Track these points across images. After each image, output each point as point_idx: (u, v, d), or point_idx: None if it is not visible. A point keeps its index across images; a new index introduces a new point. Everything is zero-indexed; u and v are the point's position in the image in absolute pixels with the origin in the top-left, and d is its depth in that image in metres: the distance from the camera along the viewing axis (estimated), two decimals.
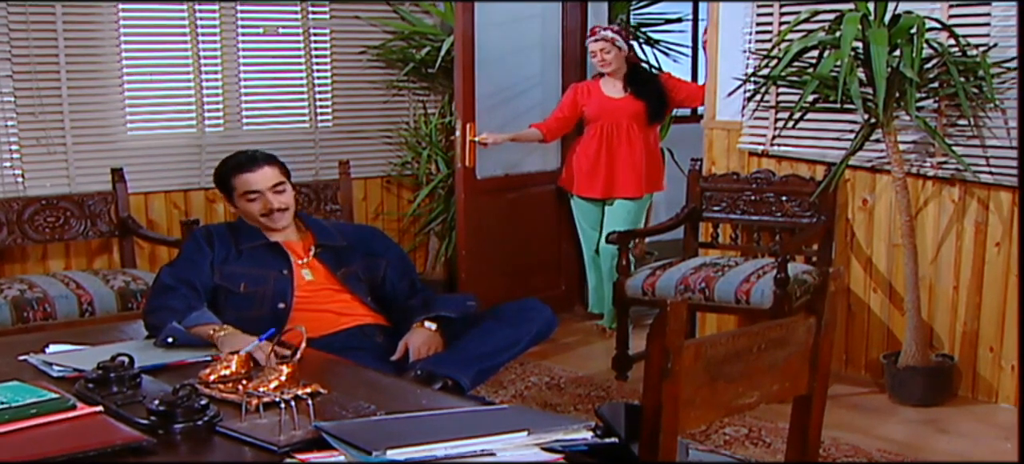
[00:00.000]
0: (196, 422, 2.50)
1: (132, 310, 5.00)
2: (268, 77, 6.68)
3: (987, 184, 4.93)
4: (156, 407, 2.51)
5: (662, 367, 2.19)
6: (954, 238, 5.12)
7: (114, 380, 2.71)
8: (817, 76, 4.78)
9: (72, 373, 2.96)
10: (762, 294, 5.04)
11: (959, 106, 4.78)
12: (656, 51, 7.62)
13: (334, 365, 3.21)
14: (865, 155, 5.21)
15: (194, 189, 6.39)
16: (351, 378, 3.07)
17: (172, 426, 2.47)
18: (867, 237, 5.45)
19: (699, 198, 5.82)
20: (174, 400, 2.51)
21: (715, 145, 5.99)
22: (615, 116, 6.27)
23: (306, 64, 6.78)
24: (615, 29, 6.28)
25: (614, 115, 6.27)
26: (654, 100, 6.30)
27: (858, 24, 4.61)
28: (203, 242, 3.79)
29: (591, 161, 6.30)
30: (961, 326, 5.15)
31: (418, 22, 7.08)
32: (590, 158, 6.31)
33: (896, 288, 5.34)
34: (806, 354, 2.53)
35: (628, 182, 6.26)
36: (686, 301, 2.18)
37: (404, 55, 7.04)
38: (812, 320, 2.51)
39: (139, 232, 5.80)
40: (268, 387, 2.72)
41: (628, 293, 5.43)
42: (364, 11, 6.94)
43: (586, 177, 6.35)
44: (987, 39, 4.82)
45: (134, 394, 2.68)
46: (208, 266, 3.72)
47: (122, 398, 2.65)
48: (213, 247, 3.78)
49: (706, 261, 5.52)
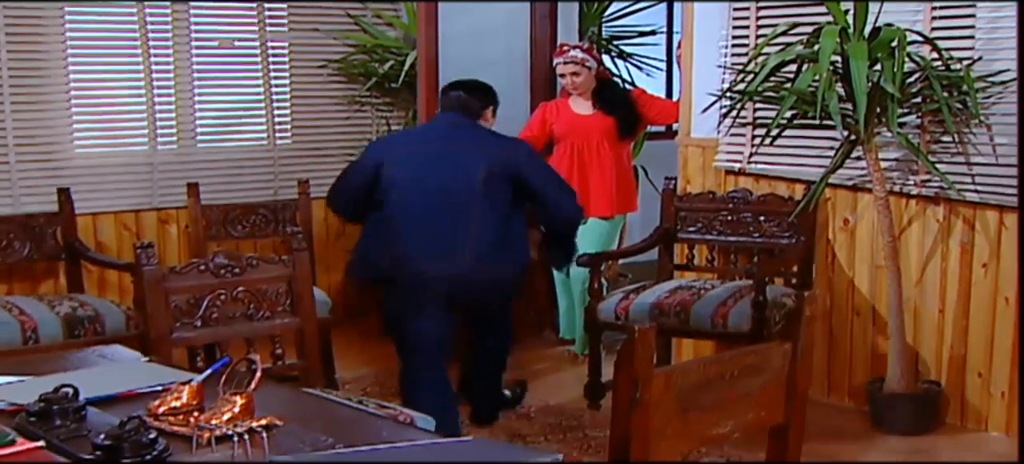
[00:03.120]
0: (144, 457, 2.47)
1: (79, 337, 4.96)
2: (224, 92, 6.68)
3: (973, 203, 4.97)
4: (101, 441, 2.48)
5: (630, 397, 2.19)
6: (939, 259, 5.16)
7: (57, 413, 2.68)
8: (795, 91, 4.80)
9: (12, 406, 2.93)
10: (740, 318, 5.06)
11: (943, 122, 4.81)
12: (629, 65, 7.66)
13: (291, 396, 3.20)
14: (846, 173, 5.24)
15: (146, 209, 6.37)
16: (308, 410, 3.06)
17: (119, 461, 2.46)
18: (849, 258, 5.48)
19: (674, 218, 5.84)
20: (121, 434, 2.49)
21: (690, 163, 6.01)
22: (585, 134, 6.30)
23: (264, 78, 6.78)
24: (584, 47, 6.30)
25: (584, 133, 6.30)
26: (625, 116, 6.33)
27: (837, 37, 4.64)
28: None
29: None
30: (948, 351, 5.18)
31: (381, 35, 7.09)
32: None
33: (880, 311, 5.37)
34: (782, 381, 2.53)
35: (599, 201, 6.27)
36: (654, 327, 2.18)
37: (366, 69, 7.05)
38: (788, 346, 2.52)
39: (87, 255, 5.76)
40: (221, 419, 2.70)
41: (600, 317, 5.43)
42: (324, 23, 6.94)
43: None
44: (971, 52, 4.86)
45: (78, 428, 2.66)
46: None
47: (65, 432, 2.63)
48: None
49: (681, 284, 5.54)
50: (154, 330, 3.69)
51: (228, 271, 3.80)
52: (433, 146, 5.00)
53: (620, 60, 7.69)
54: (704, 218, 5.78)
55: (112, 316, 5.10)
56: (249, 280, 3.83)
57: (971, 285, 5.06)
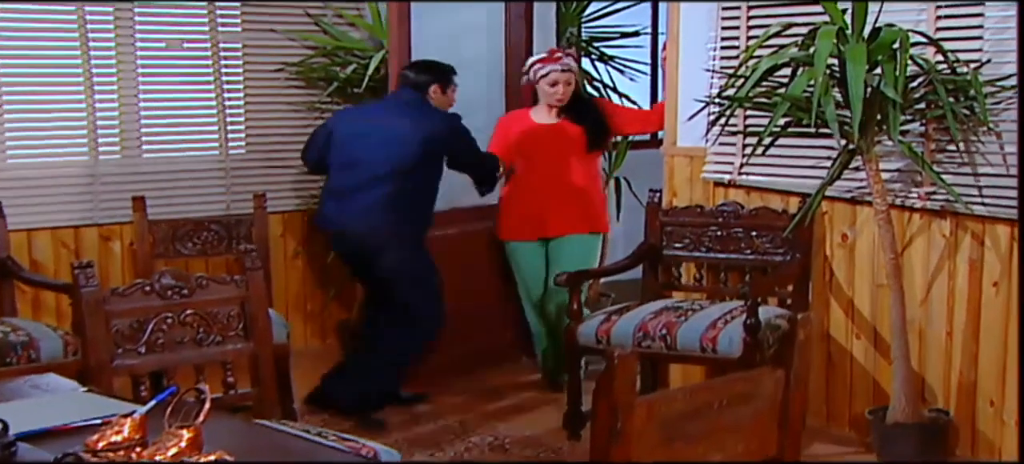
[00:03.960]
0: None
1: (11, 364, 4.90)
2: (172, 97, 6.66)
3: (981, 217, 4.98)
4: None
5: (610, 428, 2.19)
6: (946, 277, 5.17)
7: None
8: (788, 97, 4.81)
9: None
10: (730, 342, 5.06)
11: (948, 129, 4.82)
12: (611, 68, 7.67)
13: (244, 428, 3.19)
14: (844, 185, 5.26)
15: (86, 225, 6.35)
16: (262, 444, 3.05)
17: None
18: (848, 277, 5.50)
19: (659, 234, 5.85)
20: None
21: (676, 174, 6.02)
22: (550, 145, 6.28)
23: (215, 83, 6.78)
24: (574, 54, 6.28)
25: (548, 144, 6.28)
26: (594, 127, 6.30)
27: (834, 39, 4.64)
28: None
29: (525, 198, 6.34)
30: (956, 376, 5.18)
31: (343, 36, 7.09)
32: (524, 195, 6.34)
33: (882, 334, 5.38)
34: (775, 410, 2.54)
35: (567, 218, 6.28)
36: (636, 352, 2.19)
37: (327, 73, 7.05)
38: (780, 372, 2.53)
39: (20, 275, 5.72)
40: (165, 455, 2.69)
41: (581, 341, 5.42)
42: (281, 24, 6.93)
43: (519, 217, 6.37)
44: (979, 54, 4.87)
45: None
46: None
47: None
48: None
49: (668, 305, 5.54)
50: (93, 357, 3.67)
51: (176, 292, 3.79)
52: (373, 118, 5.92)
53: (601, 63, 7.70)
54: (692, 233, 5.79)
55: (48, 341, 5.06)
56: (199, 302, 3.81)
57: (981, 305, 5.07)
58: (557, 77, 6.18)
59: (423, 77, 5.89)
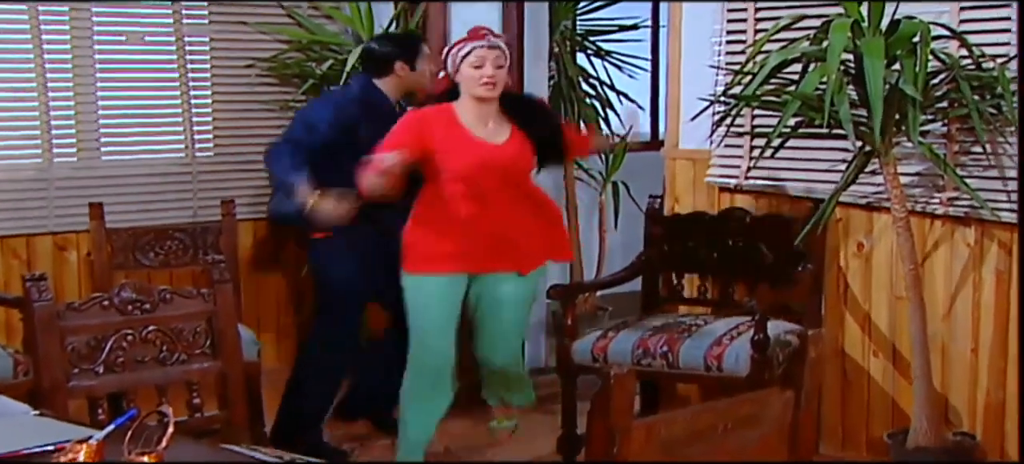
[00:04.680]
0: None
1: None
2: (133, 96, 6.65)
3: (1009, 224, 4.98)
4: None
5: (607, 451, 2.19)
6: (970, 289, 5.18)
7: None
8: (799, 95, 4.82)
9: None
10: (737, 359, 5.06)
11: (973, 130, 4.83)
12: (607, 64, 7.67)
13: (210, 453, 3.18)
14: (859, 190, 5.27)
15: (40, 234, 6.33)
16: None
17: None
18: (864, 289, 5.50)
19: (659, 243, 5.85)
20: None
21: (678, 178, 6.03)
22: (503, 173, 5.05)
23: (181, 80, 6.77)
24: (505, 37, 5.19)
25: (502, 172, 5.04)
26: (550, 137, 5.22)
27: (849, 32, 4.65)
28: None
29: (451, 218, 5.06)
30: (983, 397, 5.19)
31: (318, 29, 7.08)
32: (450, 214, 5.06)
33: (901, 351, 5.39)
34: (784, 434, 2.54)
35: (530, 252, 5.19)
36: (635, 371, 2.19)
37: (301, 69, 7.04)
38: (790, 393, 2.53)
39: None
40: None
41: (576, 359, 5.42)
42: (252, 17, 6.92)
43: (445, 241, 5.08)
44: (1007, 48, 4.88)
45: None
46: None
47: None
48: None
49: (669, 320, 5.55)
50: (47, 377, 3.66)
51: (137, 307, 3.78)
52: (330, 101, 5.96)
53: (597, 59, 7.70)
54: (695, 242, 5.79)
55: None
56: (162, 317, 3.80)
57: (1008, 319, 5.06)
58: (483, 54, 4.89)
59: (384, 51, 5.70)
